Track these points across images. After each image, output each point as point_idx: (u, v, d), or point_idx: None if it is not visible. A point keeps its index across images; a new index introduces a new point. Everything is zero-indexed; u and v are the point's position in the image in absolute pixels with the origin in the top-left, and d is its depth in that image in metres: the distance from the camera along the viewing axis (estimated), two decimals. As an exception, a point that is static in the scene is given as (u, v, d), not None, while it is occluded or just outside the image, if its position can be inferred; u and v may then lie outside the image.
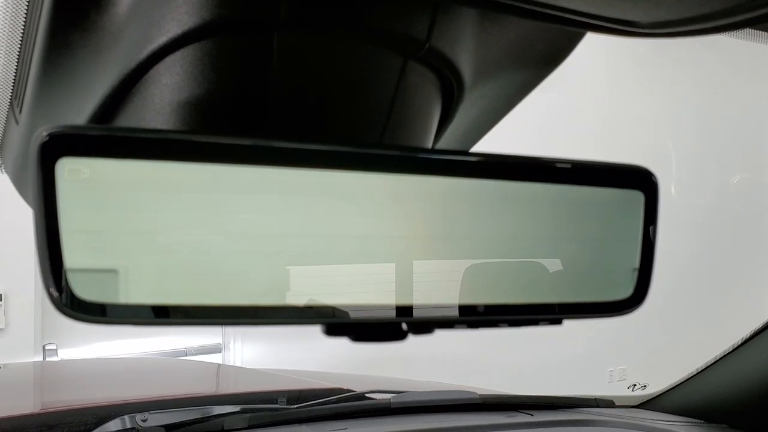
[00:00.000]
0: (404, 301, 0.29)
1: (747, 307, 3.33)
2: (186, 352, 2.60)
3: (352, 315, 0.28)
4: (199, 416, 0.82)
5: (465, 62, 0.35)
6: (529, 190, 0.31)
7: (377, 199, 0.28)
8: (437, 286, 0.29)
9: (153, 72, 0.32)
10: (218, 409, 0.85)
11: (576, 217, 0.32)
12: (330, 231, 0.27)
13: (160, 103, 0.33)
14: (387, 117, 0.34)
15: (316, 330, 0.31)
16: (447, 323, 0.31)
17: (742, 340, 1.03)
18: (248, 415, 0.76)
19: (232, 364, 2.69)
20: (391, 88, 0.34)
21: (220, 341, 2.71)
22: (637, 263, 0.33)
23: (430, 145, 0.38)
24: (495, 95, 0.42)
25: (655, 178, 0.34)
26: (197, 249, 0.26)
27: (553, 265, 0.31)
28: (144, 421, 0.79)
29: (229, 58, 0.31)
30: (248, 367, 2.66)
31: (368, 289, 0.28)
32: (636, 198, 0.33)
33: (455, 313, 0.30)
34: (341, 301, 0.28)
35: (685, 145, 3.77)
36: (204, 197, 0.26)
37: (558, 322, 0.32)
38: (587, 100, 3.49)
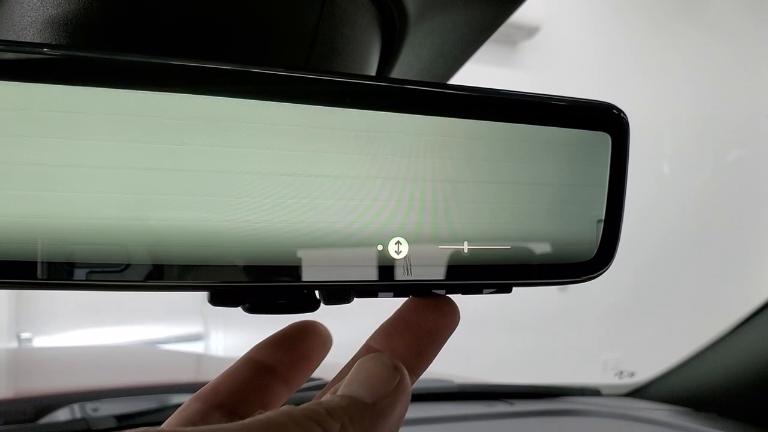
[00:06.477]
0: (313, 262, 0.23)
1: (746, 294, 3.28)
2: (166, 341, 2.55)
3: (247, 278, 0.22)
4: (155, 406, 0.78)
5: None
6: (469, 128, 0.25)
7: (281, 131, 0.23)
8: (354, 243, 0.24)
9: None
10: (176, 399, 0.81)
11: (527, 160, 0.26)
12: (215, 167, 0.22)
13: (20, 23, 0.27)
14: (310, 45, 0.29)
15: (304, 315, 0.26)
16: (368, 289, 0.25)
17: (732, 328, 1.00)
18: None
19: (213, 353, 2.64)
20: (314, 12, 0.28)
21: (201, 330, 2.66)
22: (601, 221, 0.28)
23: None
24: (447, 34, 0.37)
25: (624, 116, 0.28)
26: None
27: (498, 217, 0.26)
28: (95, 410, 0.75)
29: None
30: (232, 356, 2.62)
31: (269, 246, 0.22)
32: (602, 141, 0.27)
33: (377, 276, 0.24)
34: (230, 261, 0.22)
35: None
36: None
37: (507, 289, 0.27)
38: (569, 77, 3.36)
